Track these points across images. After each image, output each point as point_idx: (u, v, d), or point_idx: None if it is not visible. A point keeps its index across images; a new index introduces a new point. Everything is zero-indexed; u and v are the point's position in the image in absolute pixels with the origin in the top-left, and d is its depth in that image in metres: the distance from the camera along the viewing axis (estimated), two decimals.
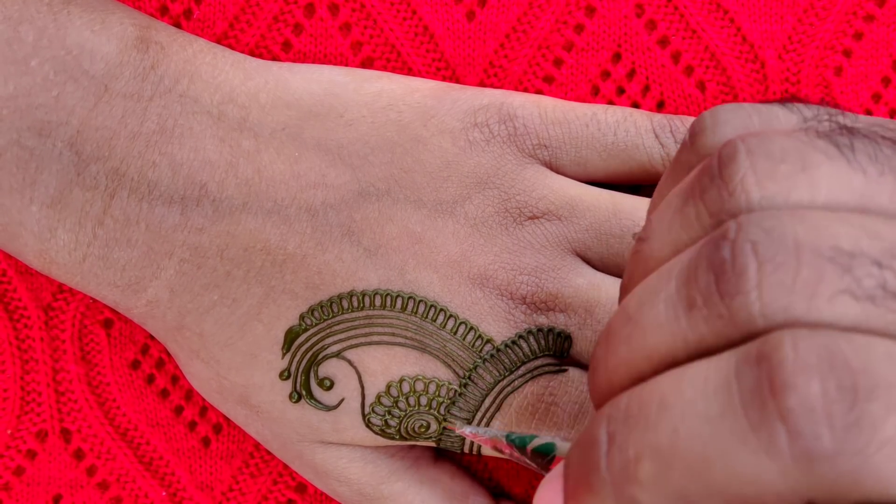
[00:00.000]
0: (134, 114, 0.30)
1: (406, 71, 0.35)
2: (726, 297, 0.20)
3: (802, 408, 0.18)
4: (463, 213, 0.31)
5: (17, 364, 0.36)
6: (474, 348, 0.31)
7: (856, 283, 0.19)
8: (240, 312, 0.31)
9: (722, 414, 0.19)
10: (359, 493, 0.33)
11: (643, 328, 0.21)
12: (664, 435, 0.20)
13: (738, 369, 0.19)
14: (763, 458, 0.18)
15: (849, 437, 0.18)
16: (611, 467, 0.21)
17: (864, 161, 0.20)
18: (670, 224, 0.22)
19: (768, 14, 0.34)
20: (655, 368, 0.21)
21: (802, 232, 0.19)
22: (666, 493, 0.20)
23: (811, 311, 0.19)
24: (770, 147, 0.21)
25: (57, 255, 0.30)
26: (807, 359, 0.18)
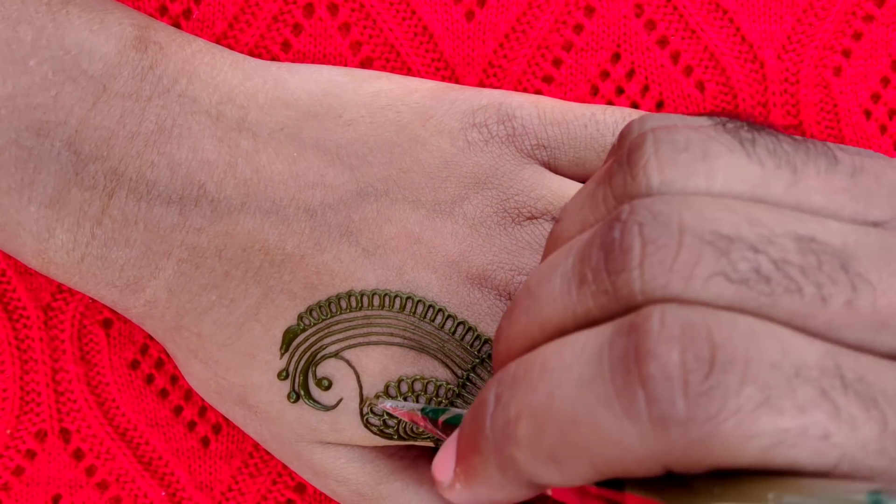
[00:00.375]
0: (132, 113, 0.30)
1: (405, 71, 0.35)
2: (612, 273, 0.21)
3: (661, 375, 0.19)
4: (461, 213, 0.31)
5: (17, 364, 0.36)
6: (473, 348, 0.31)
7: (731, 266, 0.20)
8: (238, 312, 0.31)
9: (592, 379, 0.20)
10: (357, 493, 0.33)
11: (540, 300, 0.23)
12: (542, 396, 0.21)
13: (612, 338, 0.20)
14: (625, 422, 0.20)
15: (701, 405, 0.19)
16: (494, 427, 0.22)
17: (762, 154, 0.22)
18: (581, 206, 0.24)
19: (767, 14, 0.34)
20: (548, 338, 0.22)
21: (688, 216, 0.21)
22: (539, 452, 0.21)
23: (687, 290, 0.20)
24: (675, 137, 0.22)
25: (55, 254, 0.30)
26: (671, 330, 0.19)
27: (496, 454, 0.22)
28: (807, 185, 0.22)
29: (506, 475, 0.22)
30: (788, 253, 0.20)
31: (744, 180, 0.22)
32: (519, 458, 0.22)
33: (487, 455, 0.23)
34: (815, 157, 0.22)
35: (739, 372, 0.19)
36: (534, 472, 0.22)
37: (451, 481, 0.24)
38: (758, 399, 0.19)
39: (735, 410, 0.19)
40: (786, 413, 0.19)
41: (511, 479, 0.22)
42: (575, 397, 0.20)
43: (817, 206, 0.22)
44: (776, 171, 0.22)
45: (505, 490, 0.23)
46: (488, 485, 0.23)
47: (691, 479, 0.20)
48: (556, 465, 0.21)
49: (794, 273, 0.20)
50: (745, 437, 0.19)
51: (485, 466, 0.23)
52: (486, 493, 0.23)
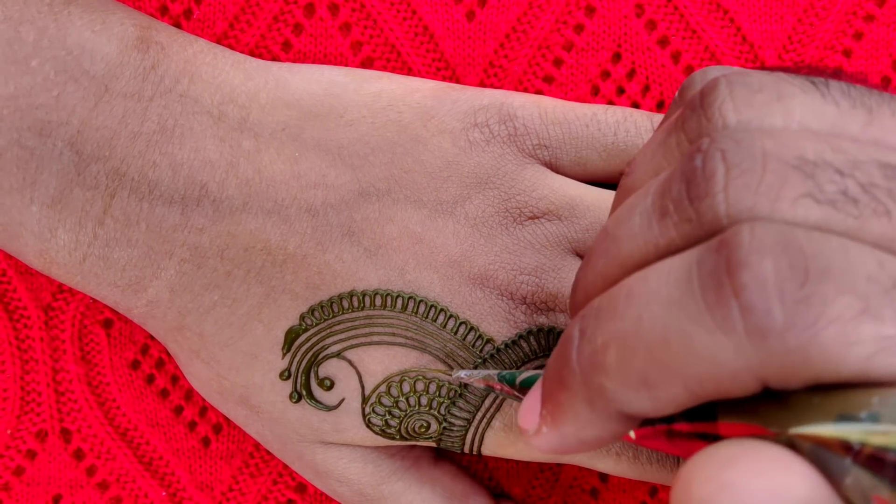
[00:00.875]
0: (134, 114, 0.30)
1: (406, 71, 0.35)
2: (695, 200, 0.21)
3: (755, 283, 0.19)
4: (463, 213, 0.31)
5: (17, 364, 0.36)
6: (475, 348, 0.31)
7: (818, 188, 0.20)
8: (240, 312, 0.31)
9: (682, 297, 0.20)
10: (359, 493, 0.33)
11: (619, 241, 0.22)
12: (629, 322, 0.21)
13: (700, 257, 0.20)
14: (718, 335, 0.19)
15: (798, 312, 0.18)
16: (580, 359, 0.22)
17: (837, 95, 0.22)
18: (653, 154, 0.24)
19: (768, 14, 0.34)
20: (628, 274, 0.22)
21: (770, 144, 0.20)
22: (629, 377, 0.21)
23: (774, 212, 0.20)
24: (749, 79, 0.22)
25: (57, 254, 0.30)
26: (763, 241, 0.19)
27: (584, 387, 0.22)
28: (882, 124, 0.21)
29: (594, 408, 0.22)
30: (874, 177, 0.20)
31: (820, 118, 0.21)
32: (608, 387, 0.21)
33: (575, 389, 0.22)
34: (888, 100, 0.22)
35: (836, 281, 0.19)
36: (624, 400, 0.21)
37: (537, 427, 0.24)
38: (857, 307, 0.18)
39: (835, 318, 0.18)
40: (886, 321, 0.18)
41: (600, 412, 0.22)
42: (665, 317, 0.20)
43: (894, 144, 0.21)
44: (851, 110, 0.21)
45: (593, 427, 0.22)
46: (576, 422, 0.22)
47: (787, 396, 0.19)
48: (647, 389, 0.21)
49: (881, 196, 0.20)
50: (847, 345, 0.18)
51: (572, 402, 0.22)
52: (574, 433, 0.23)
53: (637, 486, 0.35)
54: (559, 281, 0.31)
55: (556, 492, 0.35)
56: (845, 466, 0.18)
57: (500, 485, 0.36)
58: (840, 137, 0.21)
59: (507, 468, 0.35)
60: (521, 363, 0.31)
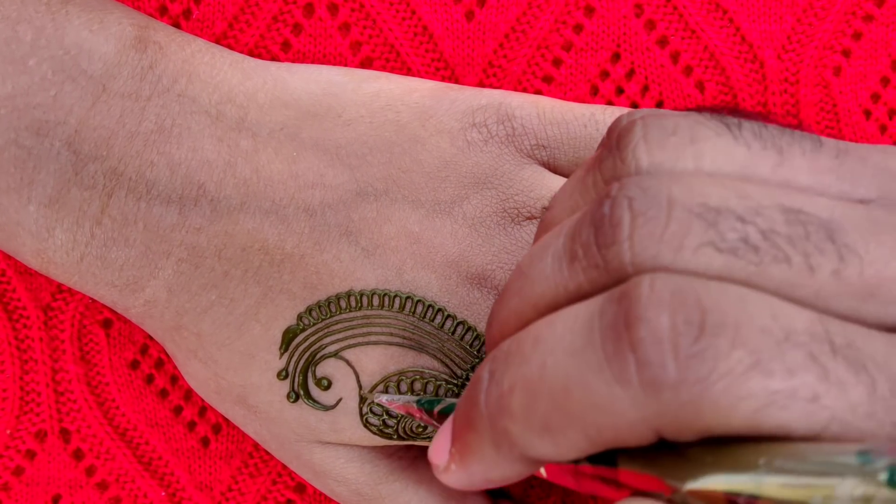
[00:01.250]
0: (132, 113, 0.30)
1: (405, 71, 0.35)
2: (602, 247, 0.21)
3: (651, 338, 0.19)
4: (461, 213, 0.31)
5: (17, 364, 0.36)
6: (472, 348, 0.31)
7: (719, 236, 0.20)
8: (237, 312, 0.31)
9: (584, 346, 0.20)
10: (357, 493, 0.33)
11: (532, 280, 0.23)
12: (534, 368, 0.21)
13: (602, 307, 0.20)
14: (616, 387, 0.20)
15: (691, 367, 0.19)
16: (488, 401, 0.22)
17: (748, 137, 0.22)
18: (571, 192, 0.24)
19: (767, 14, 0.34)
20: (540, 316, 0.23)
21: (676, 190, 0.21)
22: (532, 423, 0.21)
23: (677, 261, 0.20)
24: (664, 122, 0.22)
25: (55, 254, 0.30)
26: (661, 295, 0.20)
27: (490, 429, 0.22)
28: (793, 164, 0.22)
29: (500, 450, 0.22)
30: (776, 223, 0.20)
31: (731, 161, 0.22)
32: (513, 431, 0.22)
33: (482, 430, 0.23)
34: (800, 140, 0.22)
35: (729, 335, 0.19)
36: (528, 444, 0.22)
37: (446, 463, 0.24)
38: (748, 362, 0.19)
39: (725, 373, 0.19)
40: (775, 375, 0.19)
41: (505, 454, 0.22)
42: (567, 365, 0.21)
43: (804, 185, 0.22)
44: (762, 152, 0.22)
45: (500, 467, 0.23)
46: (483, 462, 0.23)
47: (683, 448, 0.20)
48: (549, 435, 0.21)
49: (781, 242, 0.20)
50: (736, 399, 0.19)
51: (479, 443, 0.23)
52: (482, 472, 0.23)
53: None
54: None
55: (555, 492, 0.35)
56: None
57: None
58: (748, 181, 0.22)
59: None
60: None
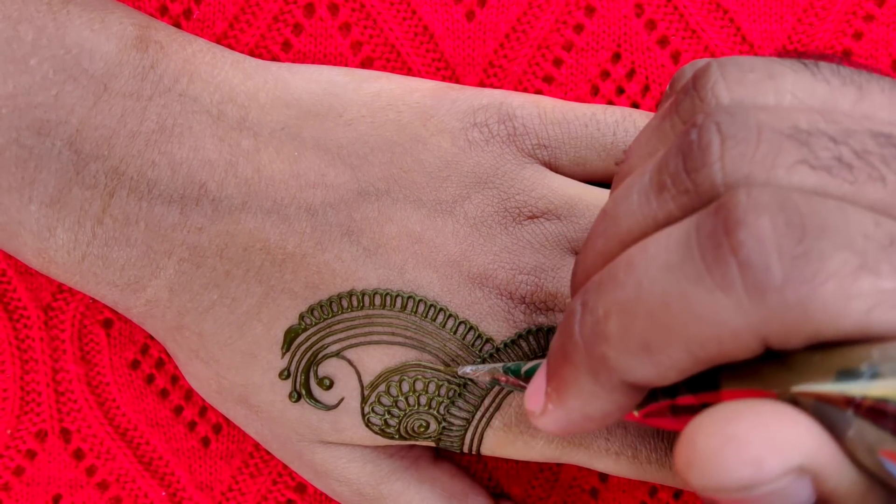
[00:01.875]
0: (133, 113, 0.30)
1: (406, 71, 0.35)
2: (692, 172, 0.21)
3: (752, 240, 0.19)
4: (462, 212, 0.31)
5: (17, 364, 0.36)
6: (474, 348, 0.31)
7: (813, 154, 0.20)
8: (239, 312, 0.31)
9: (681, 261, 0.20)
10: (358, 492, 0.33)
11: (618, 219, 0.23)
12: (630, 289, 0.21)
13: (699, 222, 0.20)
14: (718, 295, 0.19)
15: (796, 268, 0.19)
16: (583, 331, 0.22)
17: (827, 74, 0.22)
18: (648, 139, 0.24)
19: (768, 14, 0.34)
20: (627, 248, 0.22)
21: (765, 116, 0.21)
22: (630, 344, 0.21)
23: (770, 179, 0.20)
24: (740, 61, 0.22)
25: (56, 254, 0.30)
26: (759, 200, 0.19)
27: (587, 358, 0.22)
28: (872, 100, 0.22)
29: (598, 380, 0.22)
30: (868, 145, 0.20)
31: (811, 95, 0.22)
32: (611, 356, 0.21)
33: (578, 362, 0.22)
34: (878, 79, 0.22)
35: (833, 238, 0.19)
36: (627, 367, 0.21)
37: (542, 406, 0.24)
38: (855, 262, 0.19)
39: (833, 273, 0.18)
40: (884, 275, 0.18)
41: (604, 383, 0.22)
42: (664, 281, 0.20)
43: (885, 119, 0.21)
44: (842, 87, 0.22)
45: (598, 399, 0.22)
46: (580, 395, 0.22)
47: (788, 357, 0.20)
48: (649, 355, 0.21)
49: (875, 162, 0.20)
50: (846, 299, 0.18)
51: (576, 375, 0.22)
52: (579, 408, 0.23)
53: (637, 486, 0.35)
54: (558, 280, 0.31)
55: (555, 492, 0.35)
56: (847, 420, 0.18)
57: (500, 484, 0.35)
58: (832, 112, 0.21)
59: (506, 468, 0.35)
60: None
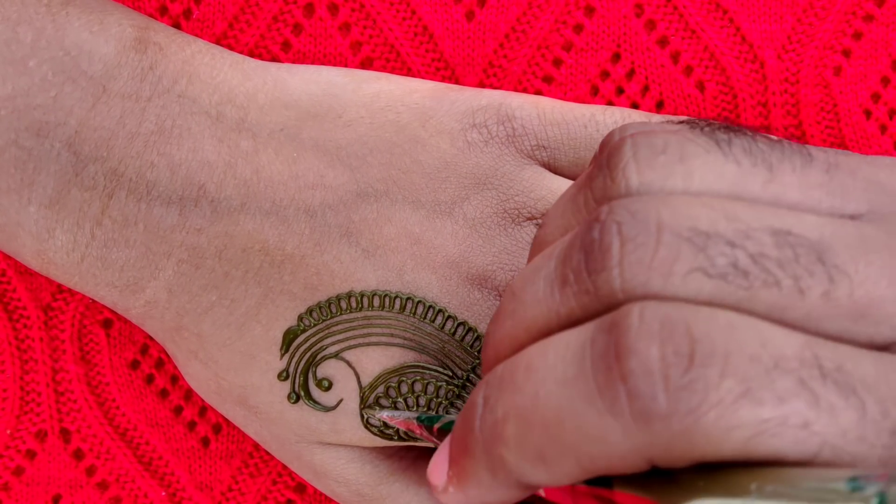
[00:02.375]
0: (132, 114, 0.30)
1: (405, 71, 0.35)
2: (593, 273, 0.21)
3: (641, 370, 0.19)
4: (461, 213, 0.31)
5: (17, 364, 0.36)
6: (473, 349, 0.31)
7: (709, 261, 0.20)
8: (238, 313, 0.31)
9: (575, 377, 0.21)
10: (357, 493, 0.33)
11: (524, 303, 0.23)
12: (527, 396, 0.21)
13: (593, 336, 0.21)
14: (608, 418, 0.20)
15: (682, 398, 0.19)
16: (483, 428, 0.23)
17: (738, 154, 0.22)
18: (563, 210, 0.24)
19: (767, 14, 0.34)
20: (533, 339, 0.23)
21: (665, 214, 0.21)
22: (526, 452, 0.21)
23: (667, 287, 0.20)
24: (653, 140, 0.22)
25: (55, 255, 0.30)
26: (650, 326, 0.20)
27: (486, 455, 0.23)
28: (783, 181, 0.22)
29: (496, 476, 0.23)
30: (765, 247, 0.21)
31: (721, 179, 0.22)
32: (508, 459, 0.22)
33: (478, 456, 0.23)
34: (790, 155, 0.22)
35: (719, 365, 0.19)
36: (522, 472, 0.22)
37: (444, 484, 0.25)
38: (738, 391, 0.19)
39: (716, 403, 0.19)
40: (766, 403, 0.19)
41: (501, 480, 0.23)
42: (559, 396, 0.21)
43: (794, 201, 0.22)
44: (752, 169, 0.22)
45: (496, 491, 0.23)
46: (479, 486, 0.23)
47: (676, 473, 0.20)
48: (543, 464, 0.21)
49: (771, 266, 0.20)
50: (727, 429, 0.19)
51: (475, 468, 0.23)
52: (478, 496, 0.24)
53: None
54: None
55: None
56: None
57: None
58: (738, 199, 0.22)
59: None
60: None
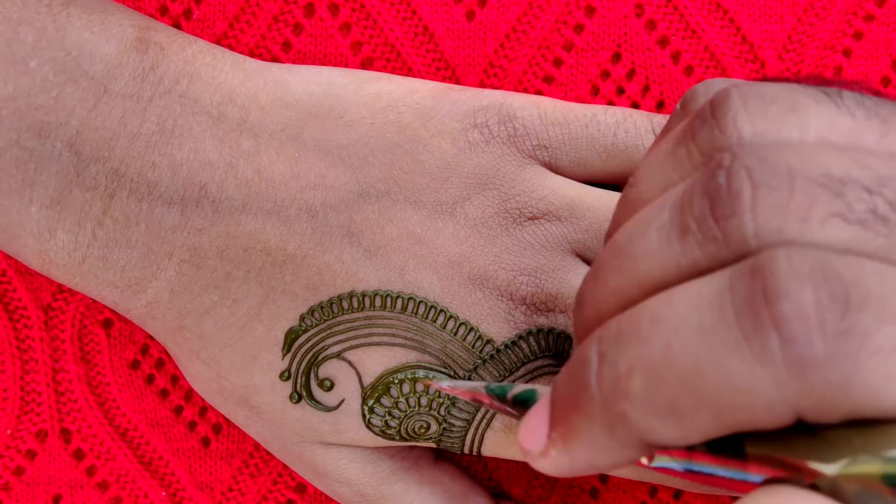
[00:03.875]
0: (133, 114, 0.30)
1: (406, 71, 0.35)
2: (721, 219, 0.20)
3: (796, 314, 0.18)
4: (463, 213, 0.31)
5: (17, 364, 0.36)
6: (474, 349, 0.31)
7: (847, 207, 0.19)
8: (240, 313, 0.31)
9: (715, 325, 0.19)
10: (359, 493, 0.33)
11: (635, 257, 0.22)
12: (657, 348, 0.20)
13: (733, 282, 0.20)
14: (755, 366, 0.19)
15: (841, 344, 0.18)
16: (601, 384, 0.21)
17: (851, 105, 0.21)
18: (661, 166, 0.23)
19: (768, 14, 0.34)
20: (647, 294, 0.22)
21: (795, 161, 0.20)
22: (656, 406, 0.20)
23: (804, 233, 0.19)
24: (761, 90, 0.22)
25: (56, 255, 0.30)
26: (801, 269, 0.19)
27: (604, 412, 0.21)
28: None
29: (613, 435, 0.21)
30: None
31: (835, 130, 0.21)
32: (632, 415, 0.21)
33: (593, 414, 0.21)
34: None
35: (876, 310, 0.18)
36: (648, 428, 0.21)
37: (543, 448, 0.23)
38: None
39: (875, 350, 0.18)
40: None
41: (619, 438, 0.21)
42: (697, 345, 0.20)
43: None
44: (867, 121, 0.21)
45: (609, 453, 0.22)
46: (591, 447, 0.22)
47: (822, 430, 0.19)
48: (674, 418, 0.20)
49: None
50: (889, 376, 0.18)
51: (589, 427, 0.22)
52: (587, 458, 0.22)
53: (637, 486, 0.35)
54: (559, 282, 0.31)
55: (555, 492, 0.35)
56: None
57: (500, 485, 0.36)
58: (859, 151, 0.21)
59: (506, 468, 0.35)
60: (521, 364, 0.31)
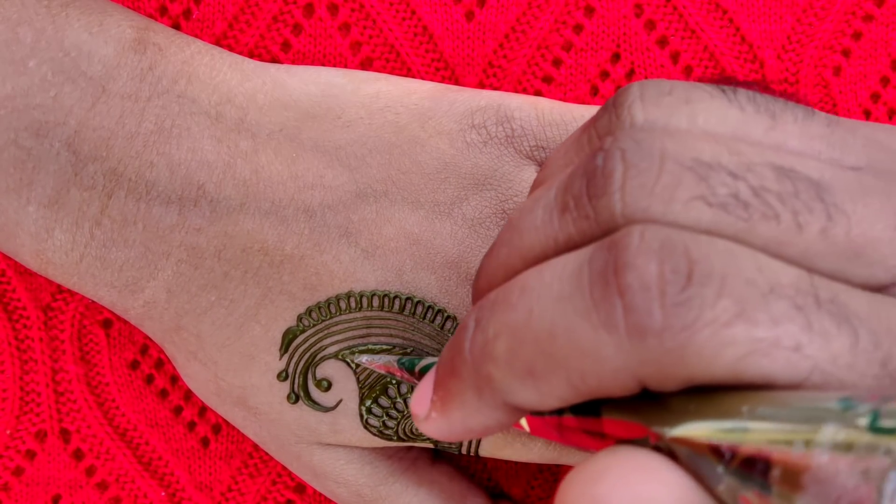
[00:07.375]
0: (132, 114, 0.30)
1: (405, 71, 0.35)
2: (593, 198, 0.21)
3: (638, 285, 0.20)
4: (460, 214, 0.31)
5: (16, 364, 0.36)
6: None
7: (710, 190, 0.20)
8: (237, 313, 0.31)
9: (571, 293, 0.21)
10: (357, 494, 0.33)
11: (521, 232, 0.23)
12: (521, 314, 0.21)
13: (592, 255, 0.21)
14: (602, 332, 0.20)
15: (677, 314, 0.19)
16: (472, 348, 0.23)
17: (742, 101, 0.22)
18: (566, 150, 0.25)
19: (767, 14, 0.34)
20: (528, 266, 0.23)
21: (670, 145, 0.21)
22: (515, 367, 0.21)
23: (667, 213, 0.20)
24: (661, 84, 0.23)
25: (54, 255, 0.30)
26: (650, 244, 0.20)
27: (474, 374, 0.23)
28: (785, 129, 0.22)
29: (482, 396, 0.23)
30: (766, 180, 0.21)
31: (724, 122, 0.22)
32: (496, 376, 0.22)
33: (465, 376, 0.23)
34: (792, 107, 0.23)
35: (716, 285, 0.19)
36: (510, 390, 0.22)
37: (427, 412, 0.24)
38: (733, 311, 0.19)
39: (710, 321, 0.19)
40: (760, 324, 0.19)
41: (487, 400, 0.23)
42: (553, 311, 0.21)
43: (795, 149, 0.22)
44: (756, 115, 0.22)
45: (480, 414, 0.23)
46: (464, 408, 0.23)
47: (666, 398, 0.20)
48: (532, 381, 0.21)
49: (771, 200, 0.20)
50: (720, 346, 0.19)
51: (461, 389, 0.23)
52: (462, 420, 0.23)
53: None
54: None
55: (555, 492, 0.35)
56: (718, 473, 0.19)
57: (500, 485, 0.35)
58: (741, 141, 0.22)
59: (506, 468, 0.35)
60: None
